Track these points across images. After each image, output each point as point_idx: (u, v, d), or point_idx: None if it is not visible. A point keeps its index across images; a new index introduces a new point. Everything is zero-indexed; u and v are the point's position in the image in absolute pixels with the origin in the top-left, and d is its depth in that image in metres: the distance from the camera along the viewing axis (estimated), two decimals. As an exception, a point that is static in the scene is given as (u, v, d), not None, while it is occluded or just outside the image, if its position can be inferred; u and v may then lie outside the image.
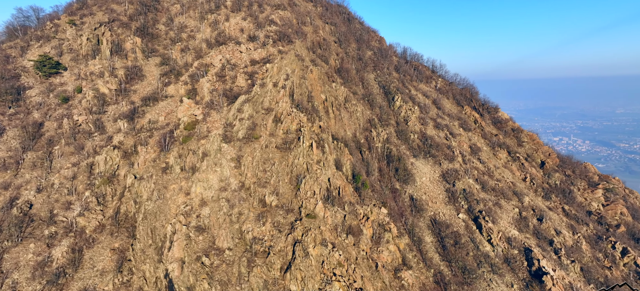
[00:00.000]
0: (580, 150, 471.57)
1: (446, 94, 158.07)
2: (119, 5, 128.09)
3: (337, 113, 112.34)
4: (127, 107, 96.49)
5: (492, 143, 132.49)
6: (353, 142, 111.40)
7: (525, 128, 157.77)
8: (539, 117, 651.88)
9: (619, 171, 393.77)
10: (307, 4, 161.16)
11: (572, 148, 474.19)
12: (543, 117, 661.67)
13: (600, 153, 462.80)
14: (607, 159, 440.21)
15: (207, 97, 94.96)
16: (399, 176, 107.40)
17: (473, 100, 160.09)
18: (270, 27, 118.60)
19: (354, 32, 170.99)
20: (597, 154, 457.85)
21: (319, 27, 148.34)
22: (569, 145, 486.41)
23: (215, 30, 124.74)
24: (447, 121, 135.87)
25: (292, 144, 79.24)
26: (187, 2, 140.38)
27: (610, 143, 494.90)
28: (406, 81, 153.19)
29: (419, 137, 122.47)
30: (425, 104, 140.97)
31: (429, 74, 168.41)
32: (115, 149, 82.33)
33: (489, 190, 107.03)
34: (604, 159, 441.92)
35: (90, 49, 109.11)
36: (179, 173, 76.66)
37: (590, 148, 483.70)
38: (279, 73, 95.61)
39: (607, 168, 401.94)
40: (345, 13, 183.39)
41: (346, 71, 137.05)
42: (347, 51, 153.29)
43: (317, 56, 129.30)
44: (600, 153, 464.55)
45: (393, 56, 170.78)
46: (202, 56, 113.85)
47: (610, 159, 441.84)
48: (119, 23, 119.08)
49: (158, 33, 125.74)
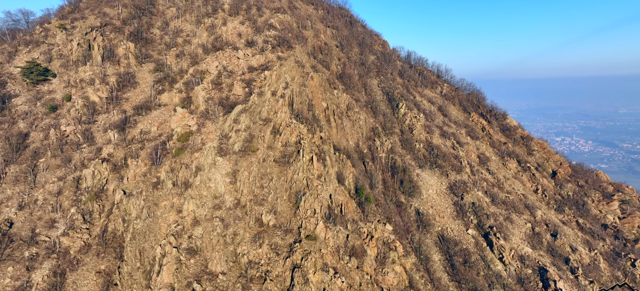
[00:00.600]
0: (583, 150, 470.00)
1: (452, 100, 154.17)
2: (113, 8, 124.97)
3: (338, 122, 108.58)
4: (118, 116, 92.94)
5: (501, 152, 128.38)
6: (356, 152, 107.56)
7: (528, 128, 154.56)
8: (541, 117, 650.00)
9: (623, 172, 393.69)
10: (307, 7, 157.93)
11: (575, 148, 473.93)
12: (545, 117, 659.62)
13: (603, 153, 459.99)
14: (610, 160, 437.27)
15: (202, 107, 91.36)
16: (404, 189, 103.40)
17: (480, 106, 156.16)
18: (269, 32, 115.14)
19: (357, 36, 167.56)
20: (600, 155, 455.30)
21: (320, 31, 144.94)
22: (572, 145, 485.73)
23: (212, 35, 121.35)
24: (453, 129, 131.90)
25: (291, 157, 75.40)
26: (183, 5, 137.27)
27: (613, 143, 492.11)
28: (411, 87, 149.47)
29: (424, 147, 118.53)
30: (431, 111, 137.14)
31: (434, 79, 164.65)
32: (104, 162, 78.66)
33: (499, 203, 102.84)
34: (606, 159, 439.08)
35: (81, 55, 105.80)
36: (171, 189, 72.88)
37: (592, 148, 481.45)
38: (278, 81, 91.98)
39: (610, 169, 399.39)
40: (348, 16, 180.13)
41: (348, 77, 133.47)
42: (349, 55, 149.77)
43: (318, 62, 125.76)
44: (603, 153, 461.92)
45: (397, 61, 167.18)
46: (198, 61, 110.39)
47: (613, 160, 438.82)
48: (112, 27, 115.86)
49: (152, 38, 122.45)
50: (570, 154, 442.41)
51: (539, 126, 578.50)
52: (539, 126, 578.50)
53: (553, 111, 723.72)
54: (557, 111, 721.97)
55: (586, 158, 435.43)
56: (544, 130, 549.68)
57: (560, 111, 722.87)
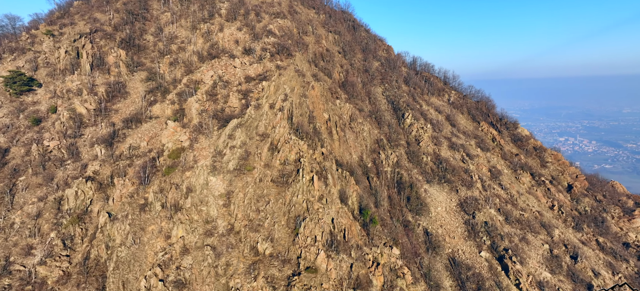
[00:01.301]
0: (587, 150, 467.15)
1: (460, 109, 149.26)
2: (104, 13, 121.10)
3: (341, 134, 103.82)
4: (107, 129, 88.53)
5: (514, 165, 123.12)
6: (359, 167, 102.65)
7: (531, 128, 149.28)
8: (544, 117, 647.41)
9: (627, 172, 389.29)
10: (309, 11, 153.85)
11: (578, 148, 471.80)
12: (548, 117, 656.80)
13: (607, 154, 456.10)
14: (614, 160, 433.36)
15: (196, 120, 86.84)
16: (411, 206, 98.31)
17: (490, 115, 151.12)
18: (268, 39, 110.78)
19: (360, 41, 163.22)
20: (604, 155, 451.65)
21: (322, 37, 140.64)
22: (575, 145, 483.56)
23: (208, 42, 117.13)
24: (462, 140, 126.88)
25: (290, 177, 70.60)
26: (178, 9, 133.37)
27: (617, 143, 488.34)
28: (417, 95, 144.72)
29: (432, 160, 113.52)
30: (438, 120, 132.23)
31: (441, 86, 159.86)
32: (88, 181, 74.06)
33: (514, 222, 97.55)
34: (611, 159, 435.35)
35: (68, 63, 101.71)
36: (159, 211, 68.16)
37: (596, 148, 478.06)
38: (277, 92, 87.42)
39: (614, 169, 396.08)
40: (350, 20, 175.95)
41: (351, 85, 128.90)
42: (352, 62, 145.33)
43: (319, 70, 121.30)
44: (607, 153, 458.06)
45: (402, 67, 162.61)
46: (192, 70, 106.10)
47: (617, 160, 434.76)
48: (102, 34, 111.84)
49: (145, 44, 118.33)
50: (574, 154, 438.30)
51: (542, 126, 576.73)
52: (542, 126, 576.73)
53: (556, 110, 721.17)
54: (560, 110, 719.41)
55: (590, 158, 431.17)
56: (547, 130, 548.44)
57: (564, 110, 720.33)
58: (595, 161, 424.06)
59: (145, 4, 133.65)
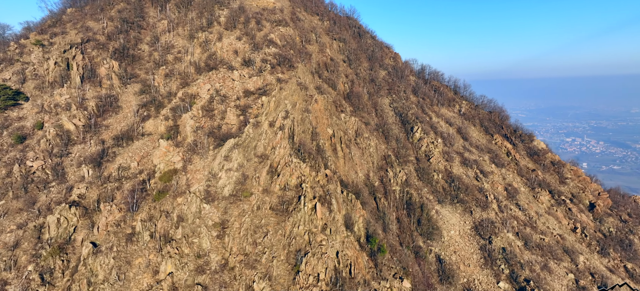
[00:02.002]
0: (594, 151, 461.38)
1: (472, 120, 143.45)
2: (97, 22, 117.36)
3: (346, 151, 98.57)
4: (96, 148, 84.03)
5: (531, 182, 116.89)
6: (366, 186, 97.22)
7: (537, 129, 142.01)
8: (550, 117, 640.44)
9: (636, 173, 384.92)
10: (312, 18, 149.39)
11: (586, 149, 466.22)
12: (555, 117, 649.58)
13: (615, 154, 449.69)
14: (623, 161, 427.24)
15: (190, 138, 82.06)
16: (422, 230, 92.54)
17: (503, 126, 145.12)
18: (269, 49, 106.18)
19: (366, 49, 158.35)
20: (612, 156, 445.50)
21: (326, 45, 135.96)
22: (582, 146, 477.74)
23: (206, 52, 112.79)
24: (475, 154, 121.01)
25: (290, 205, 65.35)
26: (176, 17, 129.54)
27: (625, 144, 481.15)
28: (426, 106, 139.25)
29: (443, 178, 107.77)
30: (449, 134, 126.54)
31: (451, 96, 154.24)
32: (72, 206, 69.35)
33: (534, 248, 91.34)
34: (619, 160, 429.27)
35: (58, 75, 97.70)
36: (148, 242, 63.18)
37: (604, 148, 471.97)
38: (277, 109, 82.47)
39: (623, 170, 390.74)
40: (356, 26, 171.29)
41: (357, 97, 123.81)
42: (357, 71, 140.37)
43: (323, 81, 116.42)
44: (615, 154, 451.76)
45: (410, 76, 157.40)
46: (188, 83, 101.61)
47: (625, 161, 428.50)
48: (95, 44, 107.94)
49: (140, 55, 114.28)
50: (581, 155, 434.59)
51: (548, 126, 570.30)
52: (548, 126, 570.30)
53: (563, 110, 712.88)
54: (567, 110, 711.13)
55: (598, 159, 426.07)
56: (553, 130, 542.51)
57: (570, 110, 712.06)
58: (603, 162, 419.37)
59: (142, 11, 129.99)
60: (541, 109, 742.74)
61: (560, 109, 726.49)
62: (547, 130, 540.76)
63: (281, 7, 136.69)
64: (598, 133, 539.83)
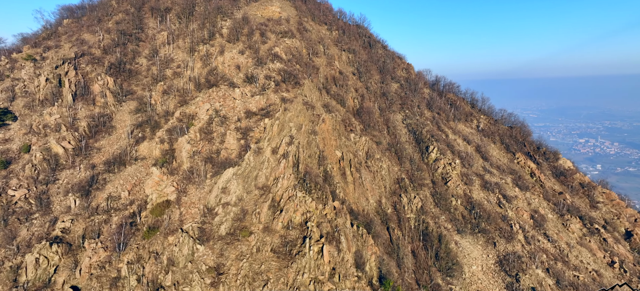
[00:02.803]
0: (609, 153, 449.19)
1: (492, 137, 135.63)
2: (93, 34, 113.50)
3: (356, 176, 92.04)
4: (85, 173, 79.06)
5: (559, 207, 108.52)
6: (378, 214, 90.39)
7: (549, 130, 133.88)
8: (563, 118, 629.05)
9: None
10: (320, 28, 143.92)
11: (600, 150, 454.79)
12: (567, 117, 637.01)
13: (631, 156, 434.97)
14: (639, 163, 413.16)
15: (186, 164, 76.51)
16: (440, 265, 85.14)
17: (526, 143, 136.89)
18: (273, 64, 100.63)
19: (376, 60, 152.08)
20: (628, 157, 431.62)
21: (335, 57, 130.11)
22: (596, 147, 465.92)
23: (207, 66, 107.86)
24: (497, 176, 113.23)
25: (294, 247, 58.98)
26: (177, 28, 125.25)
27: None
28: (441, 122, 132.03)
29: (463, 204, 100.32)
30: (468, 153, 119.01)
31: (468, 111, 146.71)
32: (54, 244, 64.07)
33: (567, 287, 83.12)
34: (635, 162, 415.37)
35: (49, 93, 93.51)
36: (134, 288, 57.35)
37: (619, 150, 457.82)
38: (281, 133, 76.48)
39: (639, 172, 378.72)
40: (366, 36, 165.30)
41: (368, 113, 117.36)
42: (368, 84, 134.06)
43: (331, 97, 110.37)
44: (630, 155, 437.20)
45: (424, 88, 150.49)
46: (187, 101, 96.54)
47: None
48: (89, 58, 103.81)
49: (138, 69, 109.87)
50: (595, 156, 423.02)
51: (561, 127, 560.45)
52: (561, 127, 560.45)
53: (576, 111, 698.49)
54: (580, 111, 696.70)
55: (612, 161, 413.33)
56: (566, 131, 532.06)
57: (584, 111, 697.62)
58: (618, 164, 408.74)
59: (141, 22, 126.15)
60: (553, 109, 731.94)
61: (573, 109, 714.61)
62: (559, 131, 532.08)
63: (287, 17, 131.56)
64: (613, 134, 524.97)
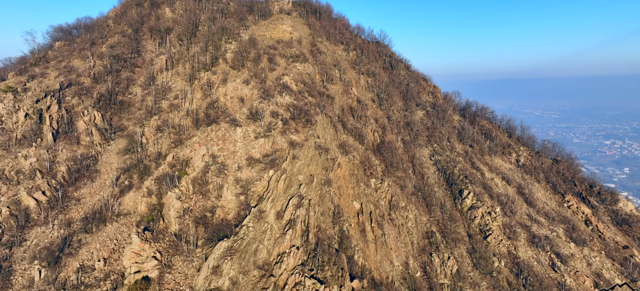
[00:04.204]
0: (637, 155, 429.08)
1: (535, 174, 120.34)
2: (84, 60, 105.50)
3: (378, 233, 79.29)
4: (59, 232, 69.18)
5: (627, 269, 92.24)
6: (405, 280, 77.14)
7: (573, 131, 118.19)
8: (587, 119, 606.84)
9: None
10: (335, 49, 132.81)
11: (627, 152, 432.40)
12: (591, 118, 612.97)
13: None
14: None
15: (174, 226, 65.61)
16: (484, 351, 70.90)
17: (576, 182, 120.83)
18: (281, 98, 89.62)
19: (399, 83, 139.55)
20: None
21: (352, 83, 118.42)
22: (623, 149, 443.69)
23: (207, 98, 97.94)
24: (546, 227, 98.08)
25: None
26: (177, 51, 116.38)
27: None
28: (475, 157, 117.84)
29: (508, 265, 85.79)
30: (509, 196, 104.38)
31: (505, 142, 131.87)
32: (8, 333, 53.79)
33: None
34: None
35: (29, 130, 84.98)
36: None
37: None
38: (288, 191, 64.75)
39: None
40: (387, 55, 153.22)
41: (390, 149, 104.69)
42: (390, 113, 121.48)
43: (348, 132, 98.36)
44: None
45: (453, 115, 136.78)
46: (182, 140, 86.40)
47: None
48: (77, 89, 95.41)
49: (131, 100, 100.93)
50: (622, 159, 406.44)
51: (584, 128, 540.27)
52: (584, 128, 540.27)
53: (600, 111, 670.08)
54: (605, 111, 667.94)
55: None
56: (590, 132, 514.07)
57: (609, 111, 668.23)
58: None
59: (138, 45, 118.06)
60: (576, 109, 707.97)
61: (597, 109, 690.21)
62: (583, 132, 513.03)
63: (299, 37, 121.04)
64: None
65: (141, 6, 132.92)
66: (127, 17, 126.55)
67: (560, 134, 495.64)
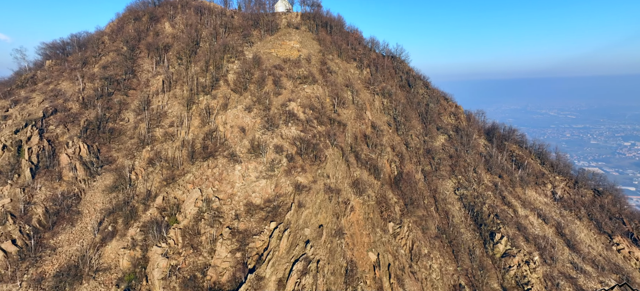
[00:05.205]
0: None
1: (575, 210, 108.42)
2: (74, 83, 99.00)
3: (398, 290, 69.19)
4: None
5: (689, 332, 79.76)
6: (430, 351, 66.67)
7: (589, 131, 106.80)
8: (605, 119, 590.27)
9: None
10: (348, 66, 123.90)
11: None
12: (610, 118, 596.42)
13: None
14: None
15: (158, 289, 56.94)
16: None
17: (624, 218, 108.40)
18: (287, 130, 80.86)
19: (417, 103, 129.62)
20: None
21: (366, 106, 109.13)
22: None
23: (205, 125, 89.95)
24: (595, 279, 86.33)
25: None
26: (175, 71, 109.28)
27: None
28: (505, 189, 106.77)
29: (551, 328, 74.39)
30: (547, 238, 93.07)
31: (538, 170, 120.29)
32: None
33: None
34: None
35: (6, 164, 77.92)
36: None
37: None
38: (292, 251, 55.48)
39: None
40: (404, 71, 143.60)
41: (408, 182, 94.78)
42: (407, 139, 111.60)
43: (361, 165, 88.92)
44: None
45: (479, 139, 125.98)
46: (175, 177, 78.24)
47: None
48: (62, 116, 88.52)
49: (122, 128, 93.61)
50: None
51: (602, 128, 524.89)
52: (602, 128, 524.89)
53: (619, 111, 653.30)
54: (624, 111, 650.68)
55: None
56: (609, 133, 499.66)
57: (629, 111, 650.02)
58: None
59: (134, 64, 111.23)
60: (594, 109, 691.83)
61: (616, 109, 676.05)
62: (601, 133, 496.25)
63: (308, 55, 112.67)
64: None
65: (139, 21, 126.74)
66: (124, 33, 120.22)
67: (577, 135, 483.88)
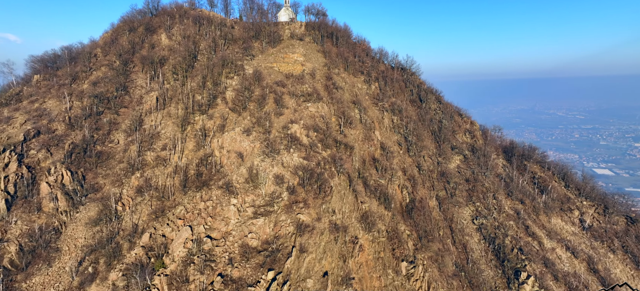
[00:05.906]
0: None
1: (607, 240, 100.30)
2: (60, 101, 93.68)
3: (415, 345, 61.88)
4: (-4, 343, 55.23)
5: None
6: None
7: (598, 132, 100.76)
8: (614, 119, 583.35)
9: None
10: (355, 81, 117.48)
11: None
12: (620, 119, 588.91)
13: None
14: None
15: (138, 351, 50.42)
16: None
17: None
18: (289, 156, 74.41)
19: (430, 121, 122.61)
20: None
21: (374, 125, 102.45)
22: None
23: (200, 149, 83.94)
24: (631, 324, 77.84)
25: None
26: (170, 87, 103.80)
27: None
28: (529, 217, 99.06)
29: None
30: (579, 276, 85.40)
31: (563, 194, 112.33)
32: None
33: None
34: None
35: (-17, 195, 72.64)
36: None
37: None
38: (292, 313, 48.78)
39: None
40: (414, 84, 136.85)
41: (422, 211, 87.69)
42: (420, 160, 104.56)
43: (370, 193, 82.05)
44: None
45: (497, 158, 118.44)
46: (165, 209, 72.08)
47: None
48: (46, 138, 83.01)
49: (111, 151, 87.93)
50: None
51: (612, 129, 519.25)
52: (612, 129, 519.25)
53: (629, 111, 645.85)
54: (634, 111, 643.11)
55: None
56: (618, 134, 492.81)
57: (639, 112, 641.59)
58: None
59: (126, 79, 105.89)
60: (603, 110, 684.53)
61: (626, 109, 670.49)
62: (610, 133, 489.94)
63: (312, 70, 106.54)
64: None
65: (134, 32, 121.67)
66: (117, 45, 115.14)
67: (586, 136, 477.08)
